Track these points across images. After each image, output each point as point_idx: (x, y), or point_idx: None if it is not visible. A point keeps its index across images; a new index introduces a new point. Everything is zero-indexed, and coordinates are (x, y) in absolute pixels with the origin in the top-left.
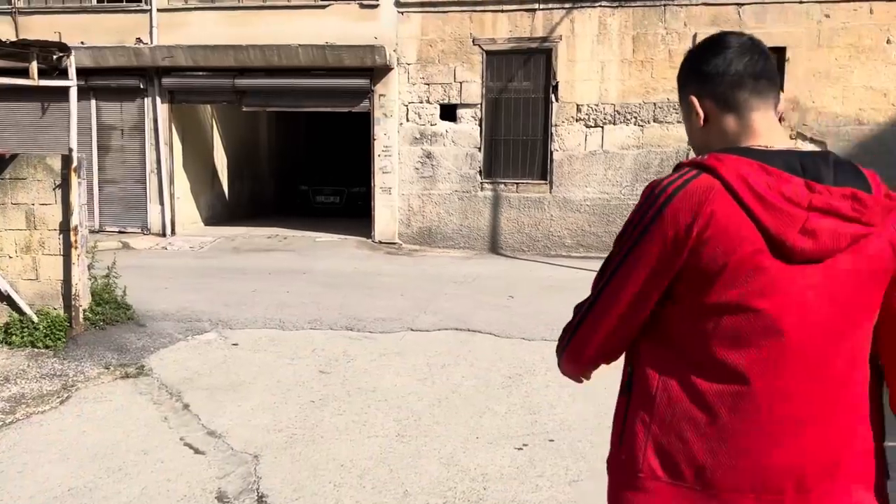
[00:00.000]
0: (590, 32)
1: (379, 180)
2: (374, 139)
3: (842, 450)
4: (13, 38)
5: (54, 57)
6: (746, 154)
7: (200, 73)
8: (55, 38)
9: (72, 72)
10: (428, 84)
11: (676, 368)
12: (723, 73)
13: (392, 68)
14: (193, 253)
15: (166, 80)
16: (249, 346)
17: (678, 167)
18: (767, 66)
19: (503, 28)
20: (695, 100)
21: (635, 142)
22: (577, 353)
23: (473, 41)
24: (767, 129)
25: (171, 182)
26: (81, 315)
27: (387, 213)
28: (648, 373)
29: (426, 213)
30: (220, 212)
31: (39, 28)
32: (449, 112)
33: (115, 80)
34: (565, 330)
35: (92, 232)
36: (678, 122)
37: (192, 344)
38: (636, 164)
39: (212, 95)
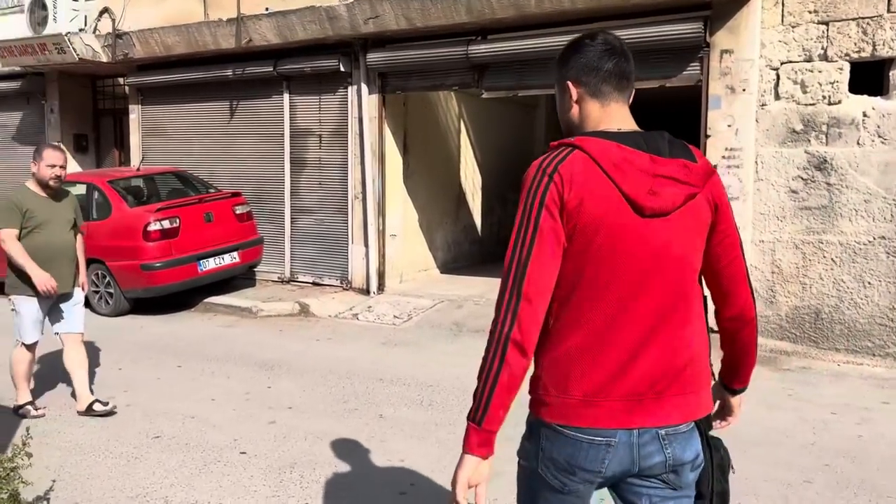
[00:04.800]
0: None
1: None
2: (706, 134)
3: (685, 358)
4: (201, 12)
5: None
6: (604, 136)
7: (418, 41)
8: (234, 6)
9: None
10: (825, 23)
11: (564, 309)
12: (597, 69)
13: None
14: (388, 332)
15: (373, 57)
16: None
17: (550, 147)
18: (629, 69)
19: None
20: (571, 85)
21: None
22: (531, 312)
23: None
24: (620, 116)
25: (381, 213)
26: None
27: None
28: (549, 317)
29: (811, 279)
30: (467, 252)
31: None
32: (869, 77)
33: (310, 62)
34: (503, 305)
35: (282, 282)
36: None
37: None
38: None
39: (436, 76)
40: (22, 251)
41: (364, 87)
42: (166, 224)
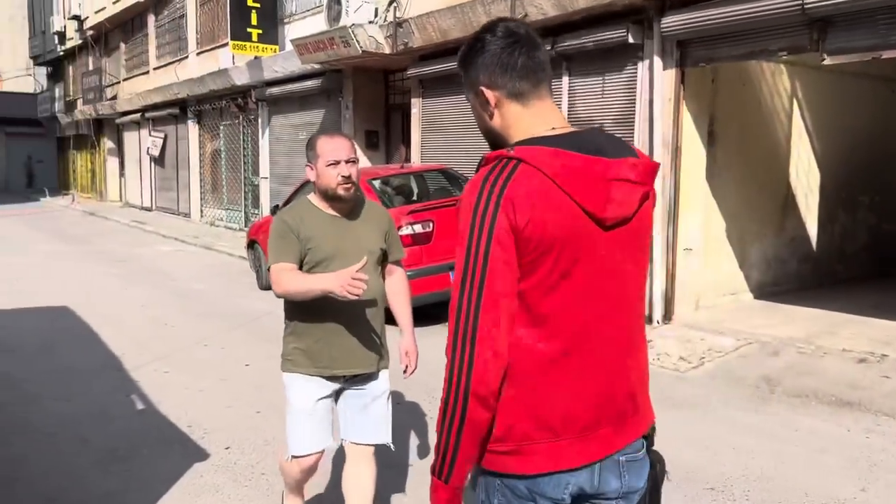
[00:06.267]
0: None
1: None
2: None
3: (638, 378)
4: None
5: None
6: (544, 143)
7: None
8: None
9: None
10: None
11: (523, 340)
12: (508, 66)
13: None
14: (667, 381)
15: (669, 21)
16: None
17: (487, 161)
18: (542, 57)
19: None
20: (485, 91)
21: None
22: (490, 358)
23: None
24: (547, 114)
25: (672, 220)
26: None
27: None
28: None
29: None
30: (794, 272)
31: None
32: None
33: (593, 36)
34: (457, 352)
35: None
36: None
37: None
38: None
39: (756, 40)
40: (300, 276)
41: (658, 62)
42: (418, 228)
